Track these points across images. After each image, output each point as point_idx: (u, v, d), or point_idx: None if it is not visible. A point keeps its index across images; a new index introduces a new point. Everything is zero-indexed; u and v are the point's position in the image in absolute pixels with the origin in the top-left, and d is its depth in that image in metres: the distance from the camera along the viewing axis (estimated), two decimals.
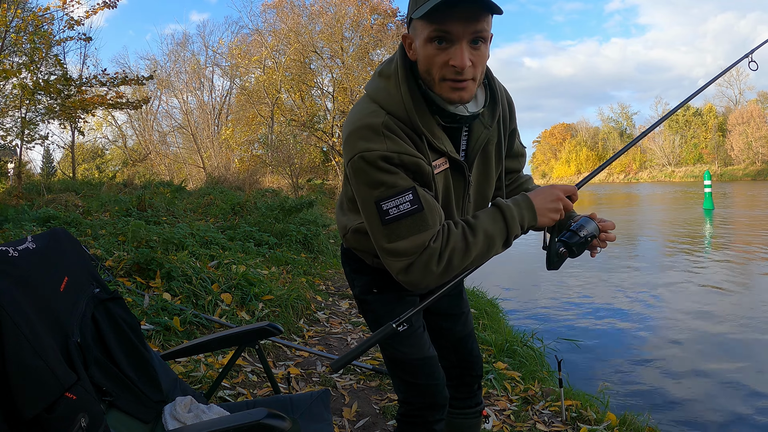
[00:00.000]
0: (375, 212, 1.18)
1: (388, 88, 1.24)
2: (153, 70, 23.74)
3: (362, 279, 1.55)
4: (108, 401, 1.27)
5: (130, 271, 3.80)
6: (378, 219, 1.17)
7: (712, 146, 60.50)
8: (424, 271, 1.16)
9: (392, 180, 1.16)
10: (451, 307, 1.65)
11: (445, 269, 1.17)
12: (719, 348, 4.28)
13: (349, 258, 1.59)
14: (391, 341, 1.44)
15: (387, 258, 1.20)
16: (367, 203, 1.20)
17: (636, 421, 2.66)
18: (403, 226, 1.15)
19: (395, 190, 1.16)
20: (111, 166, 30.90)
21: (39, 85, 10.03)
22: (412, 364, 1.47)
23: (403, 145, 1.18)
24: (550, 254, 1.30)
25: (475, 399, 1.72)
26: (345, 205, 1.49)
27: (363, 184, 1.19)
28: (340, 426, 2.50)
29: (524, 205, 1.24)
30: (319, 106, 25.68)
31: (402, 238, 1.16)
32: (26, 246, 1.21)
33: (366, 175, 1.17)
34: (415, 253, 1.16)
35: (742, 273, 7.12)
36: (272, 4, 24.86)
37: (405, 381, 1.51)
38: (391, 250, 1.17)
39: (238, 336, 1.70)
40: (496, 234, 1.21)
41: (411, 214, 1.15)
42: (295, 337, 3.71)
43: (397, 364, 1.50)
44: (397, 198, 1.15)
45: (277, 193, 12.84)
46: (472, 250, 1.19)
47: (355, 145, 1.18)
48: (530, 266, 8.16)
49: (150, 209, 7.14)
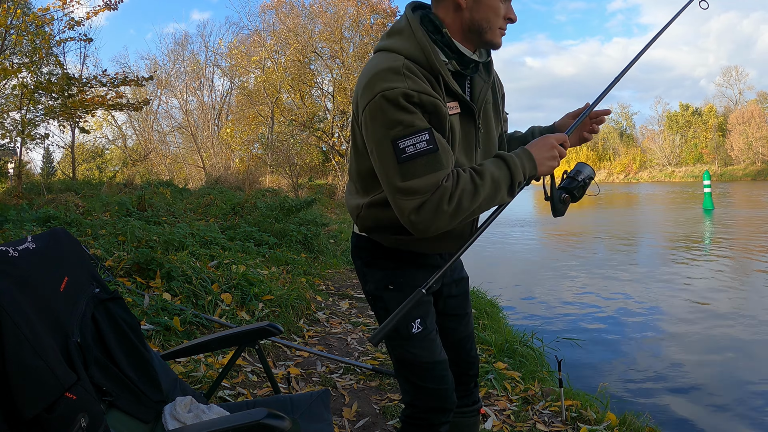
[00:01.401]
0: (391, 151, 1.21)
1: (402, 39, 1.31)
2: (153, 71, 23.74)
3: (376, 274, 1.50)
4: (108, 401, 1.27)
5: (130, 271, 3.80)
6: (394, 158, 1.21)
7: (712, 146, 60.49)
8: (436, 211, 1.21)
9: (410, 119, 1.21)
10: (458, 307, 1.65)
11: (455, 210, 1.22)
12: (720, 348, 4.28)
13: (361, 250, 1.53)
14: (403, 342, 1.44)
15: (400, 198, 1.23)
16: (382, 144, 1.23)
17: (636, 421, 2.66)
18: (419, 165, 1.20)
19: (412, 129, 1.20)
20: (111, 166, 30.91)
21: (40, 84, 10.03)
22: (422, 367, 1.46)
23: (422, 85, 1.24)
24: (554, 202, 1.41)
25: (472, 397, 1.73)
26: (357, 184, 1.46)
27: (380, 125, 1.23)
28: (340, 426, 2.50)
29: (524, 156, 1.33)
30: (319, 106, 25.69)
31: (417, 177, 1.20)
32: (26, 246, 1.21)
33: (384, 115, 1.21)
34: (428, 192, 1.20)
35: (742, 273, 7.12)
36: (271, 5, 24.87)
37: (413, 383, 1.49)
38: (406, 188, 1.21)
39: (238, 336, 1.69)
40: (501, 179, 1.28)
41: (426, 154, 1.20)
42: (295, 337, 3.71)
43: (406, 365, 1.48)
44: (414, 137, 1.20)
45: (276, 193, 12.84)
46: (480, 192, 1.24)
47: (374, 87, 1.23)
48: (530, 267, 8.17)
49: (150, 209, 7.15)
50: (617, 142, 74.63)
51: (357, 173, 1.44)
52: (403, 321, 1.37)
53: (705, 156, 61.29)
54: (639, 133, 75.14)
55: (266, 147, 22.12)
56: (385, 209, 1.34)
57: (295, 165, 18.84)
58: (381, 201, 1.36)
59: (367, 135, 1.28)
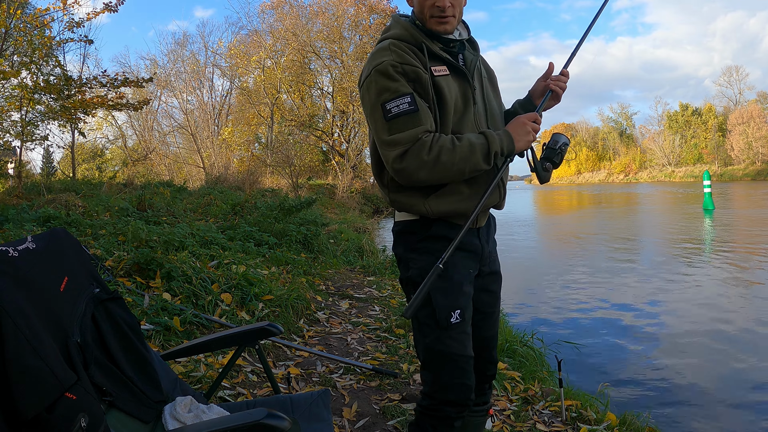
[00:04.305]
0: (380, 112, 1.46)
1: (392, 29, 1.59)
2: (153, 71, 23.74)
3: (420, 259, 1.53)
4: (108, 401, 1.27)
5: (130, 271, 3.80)
6: (382, 117, 1.46)
7: (712, 146, 60.50)
8: (416, 158, 1.43)
9: (395, 86, 1.46)
10: (488, 304, 1.68)
11: (435, 161, 1.43)
12: (720, 348, 4.28)
13: (402, 234, 1.59)
14: (440, 332, 1.48)
15: (386, 149, 1.47)
16: (374, 108, 1.48)
17: (636, 421, 2.66)
18: (401, 122, 1.44)
19: (397, 93, 1.45)
20: (111, 166, 30.90)
21: (39, 85, 10.03)
22: (452, 359, 1.49)
23: (405, 57, 1.49)
24: (538, 171, 1.62)
25: (484, 398, 1.75)
26: (380, 164, 1.57)
27: (373, 94, 1.48)
28: (340, 426, 2.50)
29: (503, 133, 1.54)
30: (319, 106, 25.70)
31: (399, 131, 1.44)
32: (26, 246, 1.21)
33: (376, 85, 1.47)
34: (409, 142, 1.44)
35: (743, 273, 7.11)
36: (270, 5, 24.88)
37: (437, 374, 1.51)
38: (390, 141, 1.45)
39: (238, 336, 1.69)
40: (477, 145, 1.47)
41: (408, 113, 1.44)
42: (295, 337, 3.71)
43: (435, 355, 1.50)
44: (398, 99, 1.45)
45: (276, 193, 12.83)
46: (457, 150, 1.44)
47: (369, 65, 1.50)
48: (531, 267, 8.17)
49: (150, 209, 7.14)
50: (617, 142, 74.64)
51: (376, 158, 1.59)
52: (444, 310, 1.48)
53: (705, 156, 61.31)
54: (639, 133, 75.20)
55: (266, 147, 22.12)
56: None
57: (294, 165, 18.83)
58: None
59: (365, 107, 1.53)
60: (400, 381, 3.00)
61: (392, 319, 4.25)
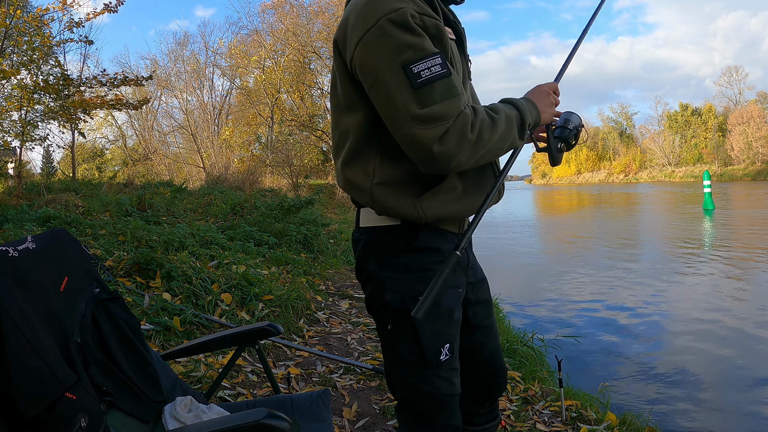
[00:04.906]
0: (403, 78, 1.07)
1: None
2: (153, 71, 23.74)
3: (399, 279, 1.21)
4: (108, 401, 1.27)
5: (130, 271, 3.80)
6: (408, 84, 1.07)
7: (712, 146, 60.52)
8: (459, 139, 1.09)
9: (420, 42, 1.09)
10: (485, 316, 1.47)
11: (477, 140, 1.11)
12: (720, 348, 4.28)
13: (373, 246, 1.25)
14: (426, 370, 1.22)
15: (419, 128, 1.08)
16: (392, 72, 1.08)
17: (636, 421, 2.66)
18: (437, 90, 1.07)
19: (424, 52, 1.08)
20: (111, 166, 30.90)
21: (39, 85, 10.03)
22: (440, 400, 1.24)
23: (425, 7, 1.14)
24: (551, 151, 1.41)
25: (494, 412, 1.59)
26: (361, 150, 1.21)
27: (387, 52, 1.08)
28: (340, 426, 2.50)
29: (526, 102, 1.28)
30: (319, 106, 25.69)
31: (436, 102, 1.07)
32: (26, 246, 1.21)
33: (391, 40, 1.08)
34: (451, 117, 1.08)
35: (743, 273, 7.12)
36: (270, 5, 24.88)
37: (423, 419, 1.26)
38: (426, 116, 1.07)
39: (238, 336, 1.69)
40: (513, 117, 1.21)
41: (442, 78, 1.08)
42: (295, 337, 3.71)
43: (420, 397, 1.25)
44: (428, 60, 1.08)
45: (276, 193, 12.83)
46: (497, 125, 1.16)
47: (374, 12, 1.09)
48: (531, 268, 8.16)
49: (150, 209, 7.14)
50: (617, 142, 74.64)
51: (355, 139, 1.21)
52: (433, 345, 1.21)
53: (705, 156, 61.32)
54: (639, 133, 75.23)
55: (266, 147, 22.12)
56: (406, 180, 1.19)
57: (294, 165, 18.83)
58: (399, 177, 1.19)
59: (365, 72, 1.12)
60: None
61: None
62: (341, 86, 1.21)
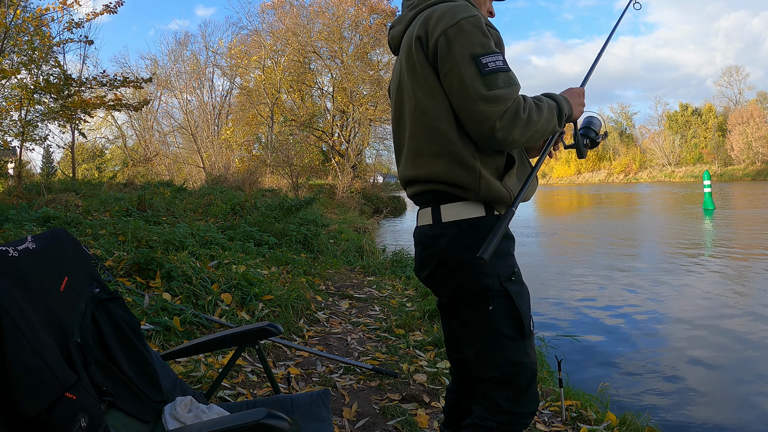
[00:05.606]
0: (474, 66, 1.32)
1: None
2: (153, 71, 23.74)
3: (495, 262, 1.38)
4: (108, 401, 1.27)
5: (130, 271, 3.80)
6: (477, 71, 1.32)
7: (712, 146, 60.52)
8: (515, 117, 1.31)
9: (488, 42, 1.35)
10: None
11: (527, 121, 1.33)
12: (720, 347, 4.28)
13: (462, 238, 1.41)
14: (524, 341, 1.41)
15: (485, 106, 1.31)
16: (464, 61, 1.33)
17: (636, 421, 2.65)
18: (500, 78, 1.32)
19: (491, 50, 1.35)
20: (111, 166, 30.91)
21: (39, 84, 10.03)
22: (532, 369, 1.43)
23: (491, 23, 1.43)
24: (578, 147, 1.62)
25: None
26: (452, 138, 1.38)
27: (461, 46, 1.33)
28: (340, 426, 2.50)
29: (563, 97, 1.50)
30: (319, 106, 25.69)
31: (499, 87, 1.31)
32: (26, 246, 1.21)
33: (466, 37, 1.34)
34: (510, 99, 1.31)
35: (744, 273, 7.12)
36: (271, 5, 24.87)
37: (520, 389, 1.42)
38: (491, 96, 1.30)
39: (238, 336, 1.69)
40: (553, 106, 1.43)
41: (505, 71, 1.34)
42: (295, 337, 3.71)
43: (520, 368, 1.41)
44: (494, 55, 1.34)
45: (276, 193, 12.83)
46: (543, 110, 1.38)
47: (455, 15, 1.36)
48: (531, 268, 8.16)
49: (150, 209, 7.14)
50: (617, 142, 74.62)
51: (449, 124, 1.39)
52: (528, 317, 1.42)
53: (705, 156, 61.32)
54: (639, 133, 75.22)
55: (266, 147, 22.11)
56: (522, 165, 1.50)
57: (294, 165, 18.83)
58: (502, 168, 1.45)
59: (443, 60, 1.36)
60: (400, 381, 3.00)
61: (392, 319, 4.25)
62: (423, 74, 1.42)
